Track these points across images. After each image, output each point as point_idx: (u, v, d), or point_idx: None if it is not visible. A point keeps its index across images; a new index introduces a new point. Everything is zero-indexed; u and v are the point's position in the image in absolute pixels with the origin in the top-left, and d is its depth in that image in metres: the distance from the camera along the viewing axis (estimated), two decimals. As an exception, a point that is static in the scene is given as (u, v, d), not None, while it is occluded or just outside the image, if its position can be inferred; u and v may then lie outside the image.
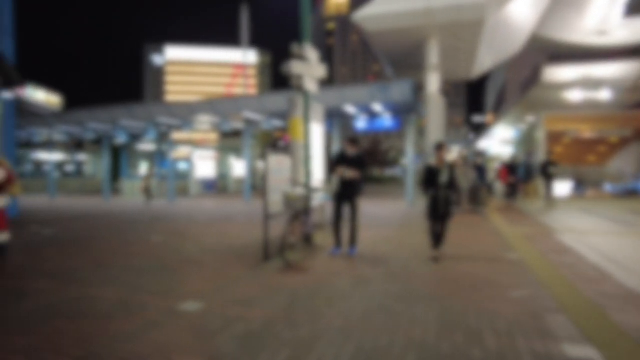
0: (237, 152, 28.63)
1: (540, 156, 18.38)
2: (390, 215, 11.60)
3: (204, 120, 18.45)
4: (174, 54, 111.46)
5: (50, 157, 26.05)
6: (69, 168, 31.50)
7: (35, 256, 6.24)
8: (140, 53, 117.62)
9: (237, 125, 19.30)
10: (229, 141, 33.23)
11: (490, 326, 3.30)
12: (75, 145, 29.03)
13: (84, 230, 9.09)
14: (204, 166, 24.64)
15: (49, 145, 25.81)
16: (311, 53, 7.27)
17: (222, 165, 28.67)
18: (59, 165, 29.15)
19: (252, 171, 23.77)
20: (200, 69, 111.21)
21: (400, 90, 13.70)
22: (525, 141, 23.65)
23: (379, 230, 8.61)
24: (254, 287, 4.51)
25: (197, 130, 21.88)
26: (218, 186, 25.97)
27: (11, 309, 3.85)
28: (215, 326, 3.35)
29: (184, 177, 26.39)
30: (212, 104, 17.77)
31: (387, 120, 15.67)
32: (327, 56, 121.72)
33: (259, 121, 18.32)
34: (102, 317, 3.61)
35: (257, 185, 25.44)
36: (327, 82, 8.43)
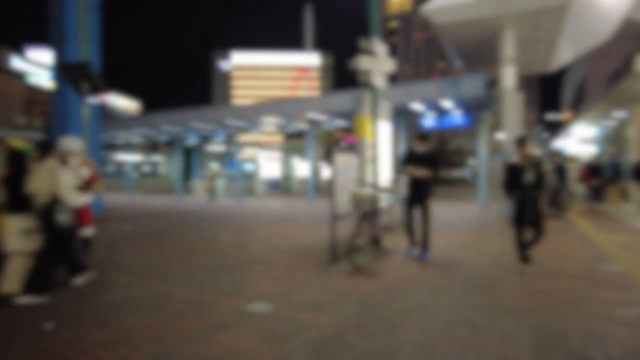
0: (300, 152, 28.92)
1: (632, 156, 16.47)
2: (463, 218, 10.94)
3: (270, 122, 18.77)
4: (240, 59, 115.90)
5: (129, 158, 28.08)
6: (146, 168, 33.87)
7: (115, 251, 6.56)
8: (208, 59, 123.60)
9: (301, 126, 19.42)
10: (292, 142, 33.74)
11: (600, 352, 2.82)
12: (151, 147, 31.07)
13: (159, 227, 9.52)
14: (269, 167, 25.15)
15: (128, 147, 27.82)
16: (379, 47, 6.99)
17: (285, 166, 29.15)
18: (137, 166, 31.46)
19: (315, 171, 23.84)
20: (264, 73, 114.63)
21: (471, 85, 12.92)
22: (612, 139, 21.39)
23: (452, 234, 8.09)
24: (322, 290, 4.33)
25: (263, 132, 22.36)
26: (282, 186, 26.40)
27: (92, 301, 3.99)
28: (285, 330, 3.20)
29: (250, 177, 27.16)
30: (277, 106, 18.02)
31: (456, 118, 14.88)
32: (390, 55, 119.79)
33: (323, 121, 18.28)
34: (174, 315, 3.61)
35: (321, 185, 25.48)
36: (391, 81, 8.08)
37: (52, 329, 3.29)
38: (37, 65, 49.23)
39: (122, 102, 73.18)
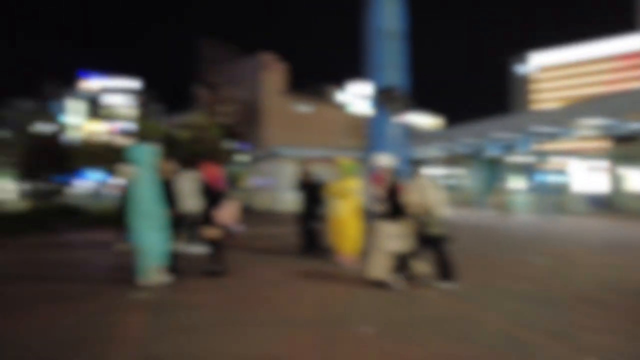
0: (631, 160, 22.73)
1: None
2: None
3: (588, 125, 15.64)
4: (540, 60, 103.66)
5: (433, 171, 29.54)
6: (448, 181, 34.67)
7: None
8: (502, 65, 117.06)
9: (637, 125, 15.24)
10: (620, 148, 27.01)
11: None
12: (452, 159, 31.67)
13: (463, 242, 9.26)
14: (586, 179, 21.06)
15: (432, 160, 29.34)
16: None
17: (611, 177, 23.60)
18: (440, 179, 32.59)
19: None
20: (571, 70, 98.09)
21: None
22: None
23: None
24: None
25: (577, 137, 18.98)
26: (607, 203, 21.47)
27: (410, 313, 4.11)
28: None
29: (560, 191, 23.51)
30: (599, 103, 14.86)
31: None
32: None
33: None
34: (490, 349, 3.22)
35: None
36: None
37: (371, 334, 3.50)
38: (354, 96, 60.93)
39: (425, 119, 78.94)
